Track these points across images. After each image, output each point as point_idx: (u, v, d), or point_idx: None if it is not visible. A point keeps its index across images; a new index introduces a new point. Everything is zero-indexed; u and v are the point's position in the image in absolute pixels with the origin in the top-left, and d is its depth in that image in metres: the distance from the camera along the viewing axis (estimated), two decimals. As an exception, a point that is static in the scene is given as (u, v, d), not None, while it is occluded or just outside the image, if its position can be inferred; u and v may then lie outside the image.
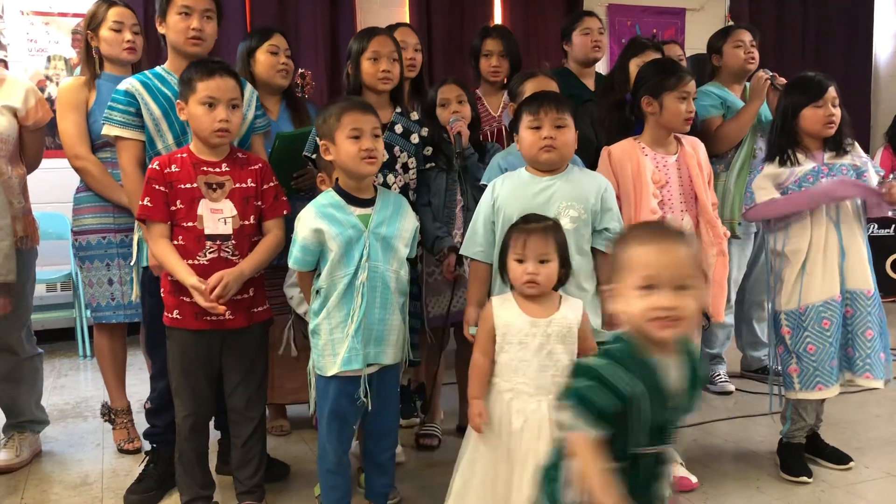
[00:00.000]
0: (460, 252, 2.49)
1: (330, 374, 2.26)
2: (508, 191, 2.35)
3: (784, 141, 2.75)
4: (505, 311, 2.13)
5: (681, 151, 2.63)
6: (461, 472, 2.19)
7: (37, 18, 4.95)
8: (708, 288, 2.59)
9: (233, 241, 2.35)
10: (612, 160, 2.60)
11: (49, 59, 5.00)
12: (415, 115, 2.87)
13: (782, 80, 3.30)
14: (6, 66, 4.60)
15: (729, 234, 2.82)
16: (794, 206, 2.70)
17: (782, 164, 2.72)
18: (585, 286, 2.33)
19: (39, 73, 4.88)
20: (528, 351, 2.10)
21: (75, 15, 4.94)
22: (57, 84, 4.73)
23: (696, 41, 3.96)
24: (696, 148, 2.68)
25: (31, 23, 4.94)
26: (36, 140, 3.05)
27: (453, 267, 2.75)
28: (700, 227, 2.61)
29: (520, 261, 2.10)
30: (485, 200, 2.39)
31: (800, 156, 2.72)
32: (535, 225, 2.13)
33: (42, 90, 4.73)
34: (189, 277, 2.28)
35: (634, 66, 3.20)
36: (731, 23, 5.93)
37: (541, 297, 2.13)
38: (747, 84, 3.62)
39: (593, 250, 2.37)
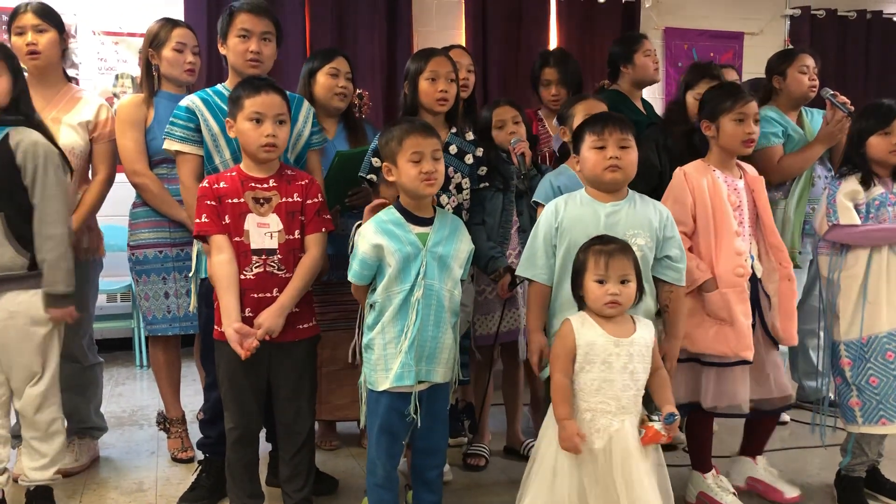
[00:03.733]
0: (517, 273, 2.48)
1: (381, 388, 2.28)
2: (573, 215, 2.33)
3: (853, 166, 2.69)
4: (587, 330, 2.13)
5: (745, 176, 2.61)
6: (534, 494, 2.17)
7: (107, 38, 5.15)
8: (774, 314, 2.54)
9: (278, 256, 2.39)
10: (688, 180, 2.58)
11: (116, 77, 5.19)
12: (469, 136, 2.89)
13: (843, 99, 3.22)
14: (77, 83, 4.77)
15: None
16: (886, 240, 2.62)
17: (862, 183, 2.65)
18: (642, 313, 2.31)
19: (107, 91, 5.06)
20: (612, 370, 2.10)
21: (142, 35, 5.10)
22: (125, 101, 4.90)
23: (754, 65, 3.90)
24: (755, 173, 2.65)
25: (102, 42, 5.13)
26: (105, 152, 3.05)
27: (507, 287, 2.75)
28: (764, 252, 2.56)
29: (600, 281, 2.10)
30: (545, 221, 2.37)
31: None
32: (613, 246, 2.14)
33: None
34: (230, 321, 2.31)
35: (691, 98, 3.14)
36: (790, 46, 5.83)
37: (617, 317, 2.14)
38: (804, 109, 3.54)
39: (655, 279, 2.36)
